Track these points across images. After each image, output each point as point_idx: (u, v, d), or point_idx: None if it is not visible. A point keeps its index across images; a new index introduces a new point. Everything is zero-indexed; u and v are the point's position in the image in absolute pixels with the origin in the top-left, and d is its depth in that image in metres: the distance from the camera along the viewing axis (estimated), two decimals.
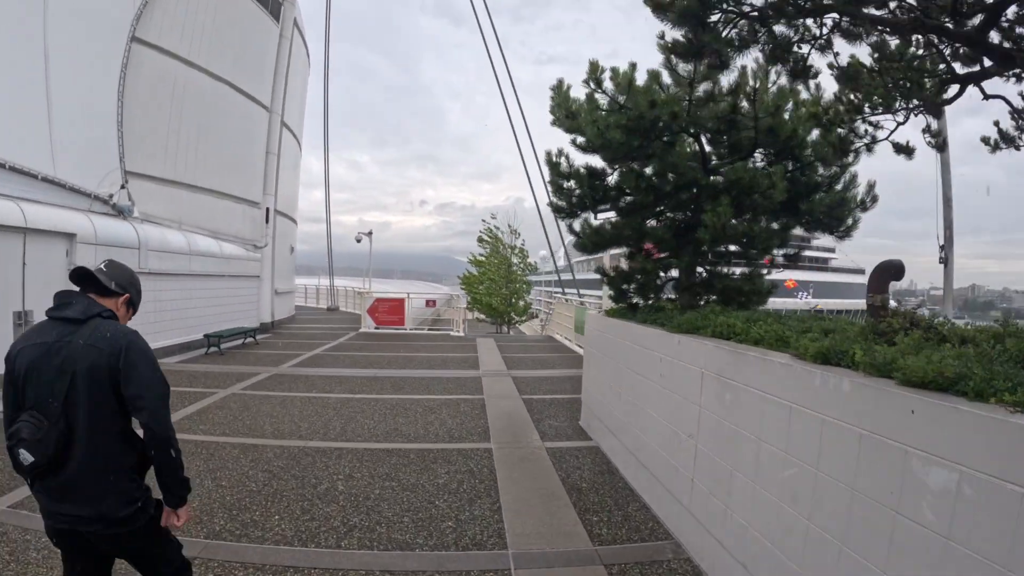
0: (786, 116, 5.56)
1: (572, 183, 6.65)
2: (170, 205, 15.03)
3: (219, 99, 17.09)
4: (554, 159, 6.64)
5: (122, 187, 12.95)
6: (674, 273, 6.59)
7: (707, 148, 5.97)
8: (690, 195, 5.84)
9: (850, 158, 4.58)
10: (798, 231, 6.40)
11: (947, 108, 4.00)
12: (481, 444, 6.96)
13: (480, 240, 36.60)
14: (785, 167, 5.51)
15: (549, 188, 6.95)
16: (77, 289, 2.50)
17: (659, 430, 5.01)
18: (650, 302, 6.89)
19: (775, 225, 6.02)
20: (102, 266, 2.57)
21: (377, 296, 21.80)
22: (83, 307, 2.38)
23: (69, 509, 2.29)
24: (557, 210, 6.97)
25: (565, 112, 6.08)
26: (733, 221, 5.16)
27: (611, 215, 6.91)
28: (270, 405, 8.71)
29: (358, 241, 27.99)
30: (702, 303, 6.34)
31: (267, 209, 20.52)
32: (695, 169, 5.69)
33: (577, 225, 6.98)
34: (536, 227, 34.76)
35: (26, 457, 2.19)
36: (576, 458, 6.50)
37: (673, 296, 6.95)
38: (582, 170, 6.60)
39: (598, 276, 7.78)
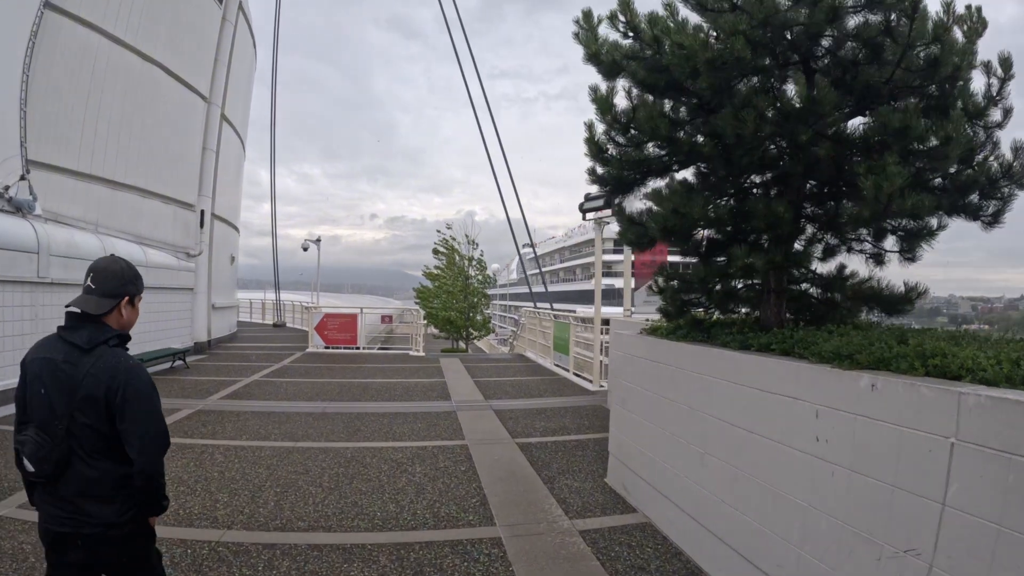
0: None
1: (628, 137, 4.53)
2: (85, 203, 12.42)
3: (149, 83, 14.50)
4: (602, 93, 4.45)
5: (22, 178, 10.34)
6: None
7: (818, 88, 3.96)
8: (827, 151, 3.77)
9: None
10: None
11: None
12: (481, 530, 4.83)
13: (435, 251, 34.34)
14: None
15: (594, 149, 4.74)
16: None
17: (814, 528, 3.06)
18: (714, 314, 4.95)
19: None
20: (89, 282, 2.39)
21: (326, 311, 19.31)
22: (88, 334, 2.32)
23: (64, 512, 2.29)
24: (602, 182, 4.92)
25: (626, 25, 4.03)
26: (904, 189, 3.17)
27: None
28: (181, 463, 6.40)
29: (305, 249, 25.24)
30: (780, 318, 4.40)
31: (202, 212, 17.89)
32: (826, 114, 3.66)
33: (636, 202, 4.90)
34: (489, 241, 32.83)
35: (28, 466, 2.26)
36: (629, 548, 4.48)
37: (735, 308, 5.05)
38: (659, 111, 4.38)
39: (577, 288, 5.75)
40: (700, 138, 4.33)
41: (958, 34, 3.64)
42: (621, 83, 4.43)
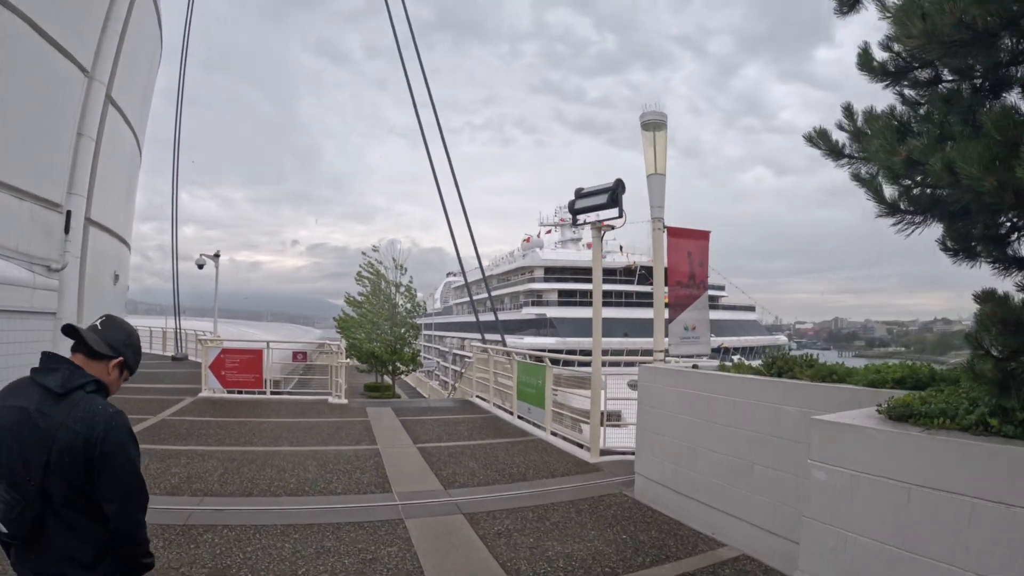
0: None
1: None
2: None
3: (9, 39, 10.06)
4: None
5: None
6: None
7: None
8: None
9: None
10: None
11: None
12: None
13: (359, 276, 30.16)
14: None
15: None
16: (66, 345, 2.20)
17: None
18: None
19: None
20: (98, 323, 2.26)
21: (226, 345, 14.96)
22: (64, 377, 2.04)
23: (40, 567, 2.04)
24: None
25: None
26: None
27: None
28: None
29: (200, 267, 20.36)
30: None
31: (68, 213, 13.22)
32: None
33: None
34: (412, 270, 29.21)
35: (0, 528, 1.99)
36: None
37: None
38: None
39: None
40: None
41: None
42: None
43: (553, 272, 53.31)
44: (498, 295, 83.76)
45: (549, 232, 68.56)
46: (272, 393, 14.38)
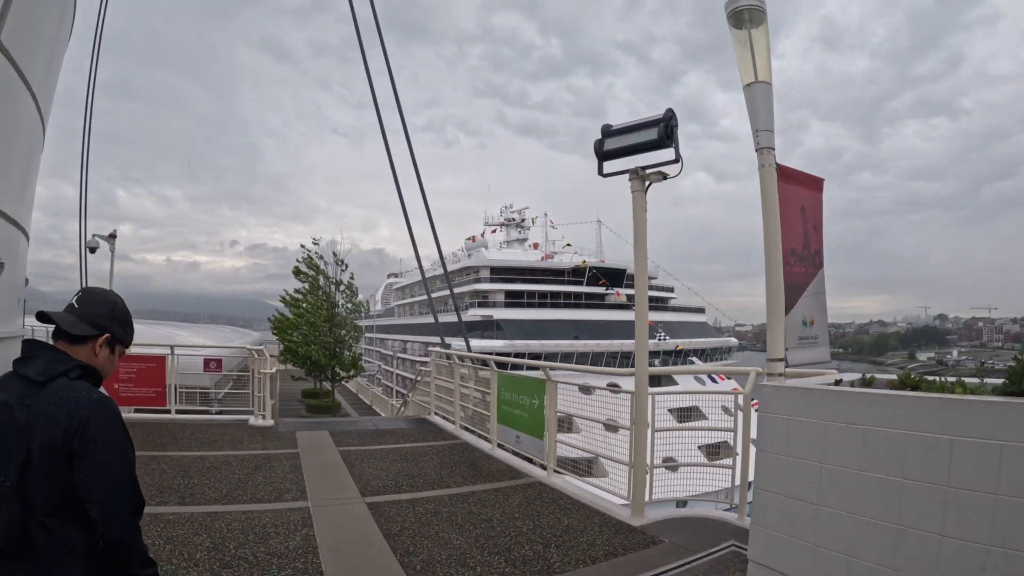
0: None
1: None
2: None
3: None
4: None
5: None
6: None
7: None
8: None
9: None
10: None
11: None
12: None
13: (297, 272, 26.75)
14: None
15: None
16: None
17: None
18: None
19: None
20: (74, 301, 1.98)
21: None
22: (44, 365, 1.81)
23: None
24: None
25: None
26: None
27: None
28: None
29: (92, 250, 16.46)
30: None
31: None
32: None
33: None
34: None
35: None
36: None
37: None
38: None
39: None
40: None
41: None
42: None
43: (499, 272, 50.57)
44: (441, 296, 79.95)
45: (495, 232, 65.82)
46: (178, 412, 11.18)
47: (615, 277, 46.93)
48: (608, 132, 5.11)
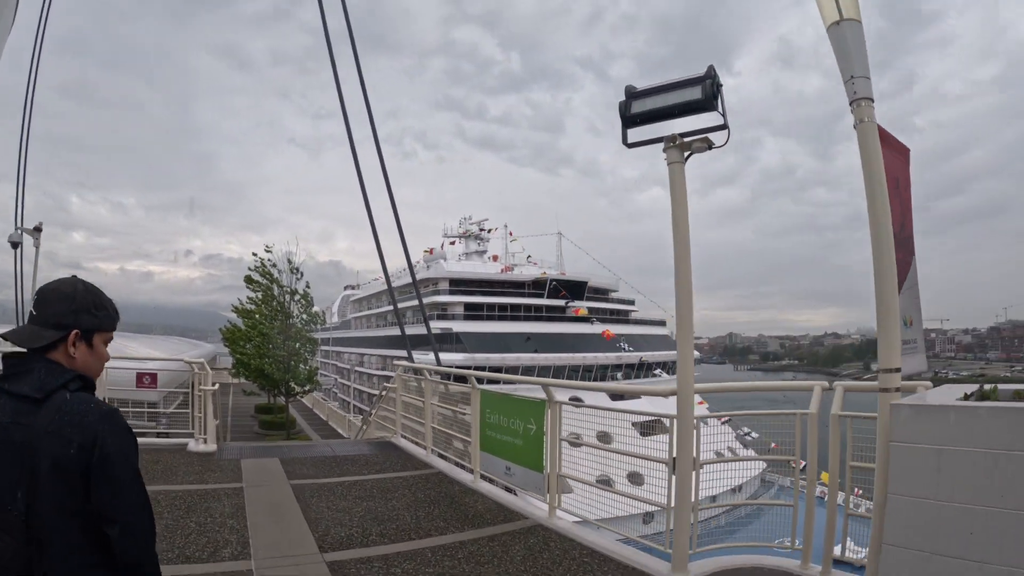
0: None
1: None
2: None
3: None
4: None
5: None
6: None
7: None
8: None
9: None
10: None
11: None
12: None
13: (249, 280, 25.04)
14: None
15: None
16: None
17: None
18: None
19: None
20: (32, 309, 1.69)
21: None
22: (39, 379, 1.59)
23: None
24: None
25: None
26: None
27: None
28: None
29: (15, 245, 14.46)
30: None
31: None
32: None
33: None
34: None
35: None
36: None
37: None
38: None
39: None
40: None
41: None
42: None
43: (459, 285, 49.20)
44: (403, 308, 77.61)
45: (453, 243, 64.47)
46: None
47: (575, 290, 46.29)
48: (634, 93, 4.11)
